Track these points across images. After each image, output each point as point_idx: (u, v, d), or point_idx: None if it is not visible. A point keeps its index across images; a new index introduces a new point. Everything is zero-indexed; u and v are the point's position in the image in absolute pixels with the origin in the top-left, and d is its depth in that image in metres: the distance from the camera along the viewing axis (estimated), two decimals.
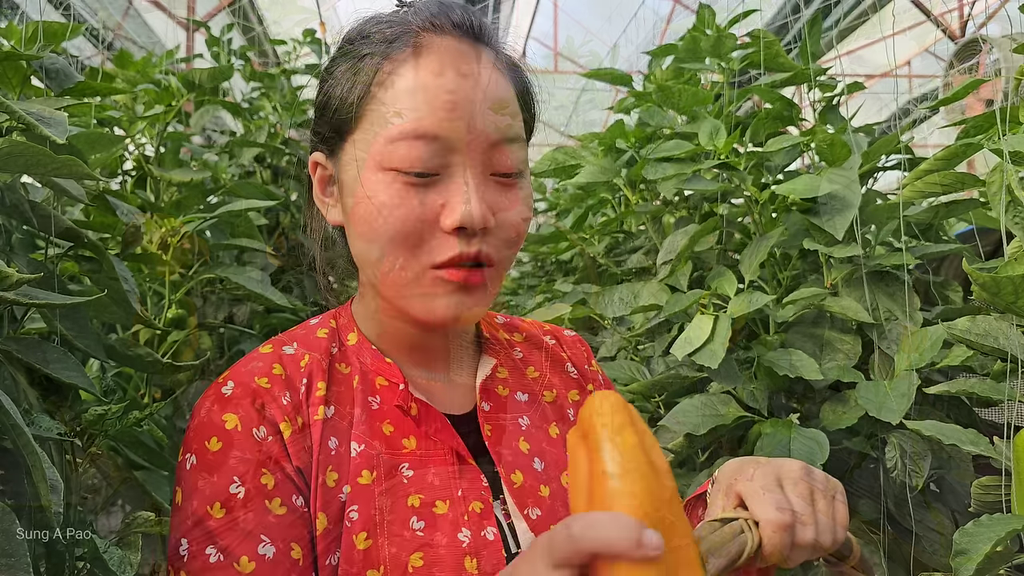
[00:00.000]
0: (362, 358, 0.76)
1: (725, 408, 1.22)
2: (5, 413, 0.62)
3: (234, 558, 0.63)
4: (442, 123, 0.66)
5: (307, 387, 0.72)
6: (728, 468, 0.65)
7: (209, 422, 0.68)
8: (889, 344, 1.23)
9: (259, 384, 0.70)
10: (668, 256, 1.46)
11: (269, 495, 0.65)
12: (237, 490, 0.65)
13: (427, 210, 0.67)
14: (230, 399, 0.69)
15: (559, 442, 0.80)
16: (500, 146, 0.69)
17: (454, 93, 0.67)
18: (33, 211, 0.90)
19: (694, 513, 0.73)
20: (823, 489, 0.60)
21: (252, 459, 0.66)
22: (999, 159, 0.98)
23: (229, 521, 0.64)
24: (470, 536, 0.69)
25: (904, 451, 1.12)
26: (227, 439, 0.67)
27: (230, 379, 0.71)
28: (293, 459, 0.68)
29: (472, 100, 0.67)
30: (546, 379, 0.85)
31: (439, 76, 0.67)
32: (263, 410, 0.68)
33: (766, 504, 0.57)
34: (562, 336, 0.92)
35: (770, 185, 1.41)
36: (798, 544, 0.57)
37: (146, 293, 1.54)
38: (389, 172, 0.67)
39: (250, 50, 2.75)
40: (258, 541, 0.64)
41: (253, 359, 0.73)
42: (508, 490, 0.73)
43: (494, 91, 0.69)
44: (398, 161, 0.66)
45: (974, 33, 4.79)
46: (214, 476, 0.66)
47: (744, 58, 1.65)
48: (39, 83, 1.00)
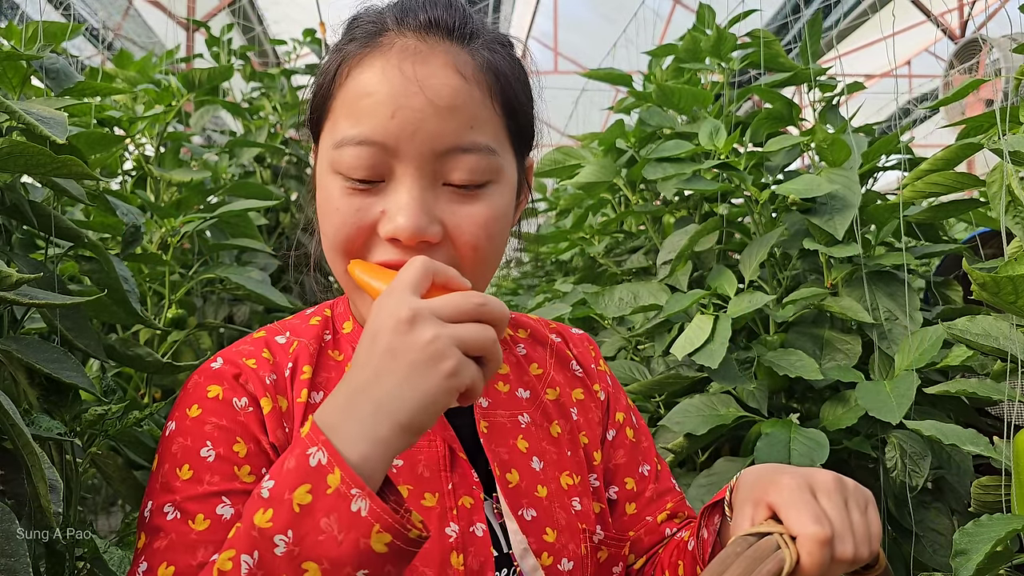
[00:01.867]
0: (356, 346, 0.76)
1: (725, 408, 1.22)
2: (5, 413, 0.62)
3: (189, 516, 0.62)
4: (384, 129, 0.64)
5: (292, 370, 0.72)
6: (750, 476, 0.63)
7: (193, 392, 0.69)
8: (889, 344, 1.23)
9: (246, 363, 0.71)
10: (668, 256, 1.46)
11: (239, 462, 0.65)
12: (207, 453, 0.65)
13: (366, 216, 0.66)
14: (215, 372, 0.70)
15: (560, 441, 0.79)
16: (453, 155, 0.65)
17: (396, 99, 0.64)
18: (33, 211, 0.90)
19: (710, 521, 0.71)
20: (856, 500, 0.57)
21: (228, 426, 0.66)
22: (999, 159, 0.98)
23: (194, 482, 0.63)
24: (458, 531, 0.68)
25: (904, 451, 1.11)
26: (207, 406, 0.67)
27: (220, 356, 0.72)
28: (270, 435, 0.67)
29: (415, 107, 0.64)
30: (549, 376, 0.84)
31: (384, 81, 0.64)
32: (247, 385, 0.69)
33: (804, 517, 0.53)
34: (569, 334, 0.91)
35: (770, 185, 1.41)
36: (837, 559, 0.53)
37: (146, 293, 1.53)
38: (337, 176, 0.67)
39: (250, 50, 2.75)
40: (218, 502, 0.63)
41: (245, 342, 0.74)
42: (501, 489, 0.72)
43: (446, 97, 0.64)
44: (344, 166, 0.66)
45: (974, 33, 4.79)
46: (188, 440, 0.66)
47: (744, 58, 1.65)
48: (39, 83, 1.00)
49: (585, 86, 9.22)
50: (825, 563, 0.52)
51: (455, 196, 0.67)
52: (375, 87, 0.65)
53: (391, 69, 0.65)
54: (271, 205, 1.47)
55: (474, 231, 0.67)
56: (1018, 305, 0.88)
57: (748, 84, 1.68)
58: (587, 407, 0.84)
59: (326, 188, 0.69)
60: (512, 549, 0.70)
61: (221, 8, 5.73)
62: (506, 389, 0.80)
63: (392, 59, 0.65)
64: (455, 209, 0.66)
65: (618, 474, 0.84)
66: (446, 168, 0.66)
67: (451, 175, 0.66)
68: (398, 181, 0.65)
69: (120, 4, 6.16)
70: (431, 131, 0.64)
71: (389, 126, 0.64)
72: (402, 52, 0.66)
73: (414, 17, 0.68)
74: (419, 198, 0.65)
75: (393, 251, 0.66)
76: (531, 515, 0.72)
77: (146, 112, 1.72)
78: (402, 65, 0.65)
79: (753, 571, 0.51)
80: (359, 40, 0.69)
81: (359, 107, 0.65)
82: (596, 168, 1.65)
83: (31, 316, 0.92)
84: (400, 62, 0.65)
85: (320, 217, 0.70)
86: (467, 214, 0.67)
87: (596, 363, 0.89)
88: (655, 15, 8.22)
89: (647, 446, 0.87)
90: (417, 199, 0.64)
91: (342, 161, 0.66)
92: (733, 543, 0.54)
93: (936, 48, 8.21)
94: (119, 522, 1.05)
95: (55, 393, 0.86)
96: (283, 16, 7.30)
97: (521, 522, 0.71)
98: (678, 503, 0.85)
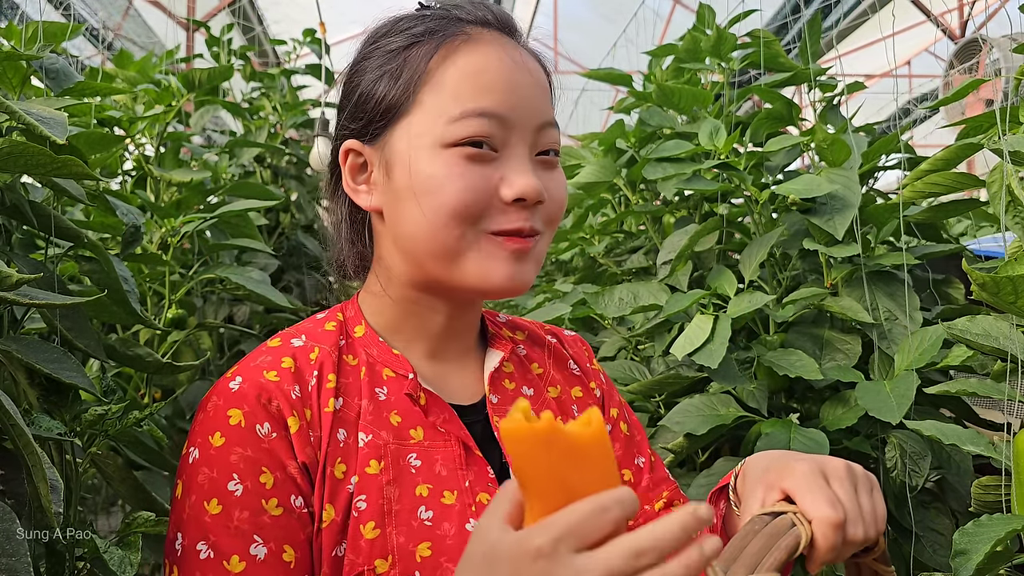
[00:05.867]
0: (369, 350, 0.77)
1: (725, 408, 1.22)
2: (6, 413, 0.62)
3: (224, 556, 0.63)
4: (504, 103, 0.71)
5: (318, 379, 0.72)
6: (761, 462, 0.65)
7: (214, 416, 0.68)
8: (889, 344, 1.22)
9: (267, 379, 0.70)
10: (668, 256, 1.46)
11: (266, 495, 0.65)
12: (235, 487, 0.65)
13: (488, 183, 0.70)
14: (236, 394, 0.69)
15: None
16: (546, 128, 0.74)
17: (513, 76, 0.72)
18: (33, 211, 0.90)
19: (716, 506, 0.74)
20: (864, 485, 0.60)
21: (253, 456, 0.66)
22: (999, 159, 0.98)
23: (224, 518, 0.64)
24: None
25: (904, 451, 1.12)
26: (230, 435, 0.67)
27: (238, 374, 0.71)
28: (299, 455, 0.68)
29: (527, 84, 0.73)
30: (550, 375, 0.86)
31: (498, 61, 0.72)
32: (269, 405, 0.68)
33: (819, 500, 0.57)
34: (563, 335, 0.94)
35: (770, 185, 1.41)
36: (849, 541, 0.57)
37: (146, 293, 1.53)
38: (451, 148, 0.70)
39: (250, 50, 2.75)
40: (251, 541, 0.64)
41: (262, 353, 0.74)
42: None
43: (539, 79, 0.75)
44: (462, 137, 0.70)
45: (974, 33, 4.79)
46: (214, 471, 0.66)
47: (744, 58, 1.65)
48: (39, 83, 1.00)
49: (585, 86, 9.21)
50: (838, 545, 0.56)
51: (544, 165, 0.75)
52: (492, 65, 0.72)
53: (499, 50, 0.73)
54: (271, 205, 1.47)
55: (560, 192, 0.76)
56: (1018, 305, 0.88)
57: (748, 84, 1.68)
58: (586, 404, 0.86)
59: (434, 164, 0.70)
60: None
61: (221, 8, 5.73)
62: (512, 387, 0.82)
63: (493, 44, 0.73)
64: (544, 175, 0.74)
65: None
66: (540, 140, 0.74)
67: (544, 145, 0.74)
68: (512, 150, 0.72)
69: (120, 4, 6.16)
70: (536, 107, 0.73)
71: (509, 100, 0.71)
72: (498, 40, 0.74)
73: (488, 14, 0.76)
74: (532, 164, 0.73)
75: (512, 215, 0.71)
76: None
77: (146, 112, 1.72)
78: (506, 48, 0.74)
79: (772, 546, 0.53)
80: (441, 32, 0.74)
81: (479, 83, 0.71)
82: (596, 168, 1.65)
83: (31, 316, 0.92)
84: (502, 46, 0.74)
85: (427, 191, 0.71)
86: (552, 178, 0.75)
87: (590, 362, 0.92)
88: (655, 15, 8.22)
89: (640, 439, 0.90)
90: (530, 165, 0.72)
91: (460, 133, 0.70)
92: (751, 522, 0.57)
93: (936, 48, 8.21)
94: (119, 522, 1.05)
95: (55, 393, 0.86)
96: (283, 16, 7.30)
97: None
98: (673, 491, 0.87)
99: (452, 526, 0.68)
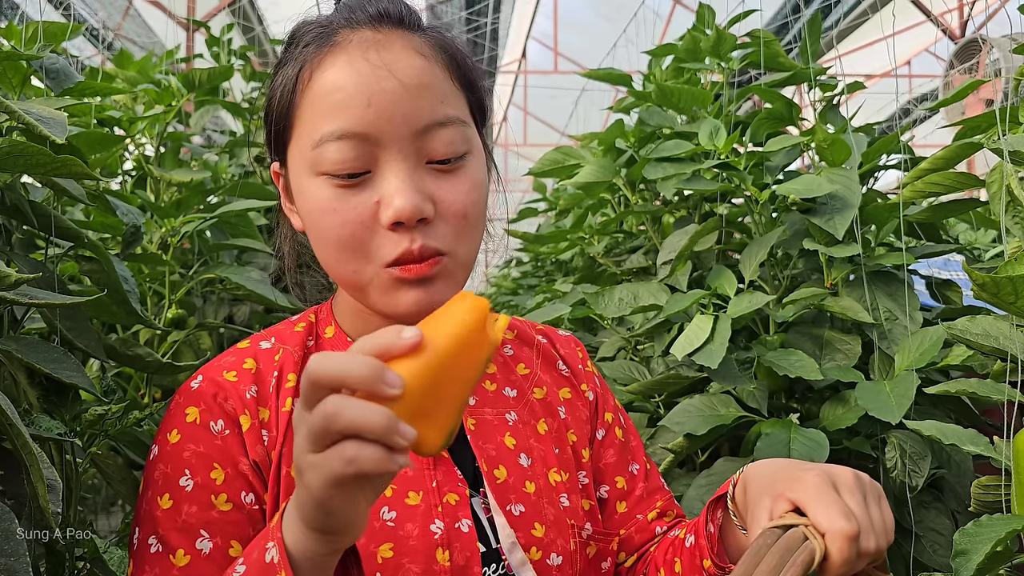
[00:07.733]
0: (337, 350, 0.76)
1: (725, 408, 1.22)
2: (3, 413, 0.62)
3: (171, 550, 0.64)
4: (361, 119, 0.65)
5: (277, 379, 0.72)
6: (764, 470, 0.63)
7: (174, 414, 0.69)
8: (889, 344, 1.22)
9: (225, 378, 0.71)
10: (668, 256, 1.46)
11: (216, 491, 0.66)
12: (186, 483, 0.66)
13: (364, 210, 0.66)
14: (194, 392, 0.70)
15: (547, 438, 0.80)
16: (432, 131, 0.67)
17: (368, 87, 0.65)
18: (33, 211, 0.90)
19: (714, 516, 0.71)
20: (873, 494, 0.58)
21: (205, 452, 0.67)
22: (999, 159, 0.98)
23: (173, 513, 0.65)
24: (443, 527, 0.68)
25: (904, 451, 1.11)
26: (185, 432, 0.68)
27: (200, 373, 0.72)
28: (250, 453, 0.68)
29: (388, 91, 0.65)
30: (536, 376, 0.85)
31: (353, 73, 0.66)
32: (225, 403, 0.69)
33: (832, 512, 0.54)
34: (555, 335, 0.92)
35: (770, 185, 1.41)
36: (862, 553, 0.54)
37: (146, 293, 1.53)
38: (321, 177, 0.67)
39: (250, 50, 2.75)
40: (197, 536, 0.64)
41: (228, 354, 0.75)
42: (489, 485, 0.73)
43: (414, 77, 0.67)
44: (327, 165, 0.66)
45: (974, 33, 4.79)
46: (168, 467, 0.67)
47: (744, 58, 1.65)
48: (39, 83, 1.00)
49: (585, 86, 9.21)
50: (853, 558, 0.53)
51: (438, 173, 0.69)
52: (345, 80, 0.66)
53: (357, 60, 0.67)
54: (271, 205, 1.47)
55: (462, 200, 0.69)
56: (1018, 305, 0.88)
57: (748, 84, 1.68)
58: (575, 406, 0.85)
59: (311, 194, 0.68)
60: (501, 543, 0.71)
61: (221, 8, 5.73)
62: (493, 388, 0.81)
63: (355, 51, 0.67)
64: (440, 184, 0.68)
65: (608, 473, 0.85)
66: (427, 146, 0.67)
67: (433, 151, 0.68)
68: (385, 167, 0.66)
69: (120, 4, 6.16)
70: (407, 112, 0.66)
71: (367, 115, 0.65)
72: (362, 43, 0.68)
73: (363, 12, 0.70)
74: (409, 179, 0.66)
75: (397, 240, 0.67)
76: (519, 510, 0.73)
77: (146, 112, 1.72)
78: (366, 55, 0.67)
79: (787, 561, 0.51)
80: (314, 44, 0.69)
81: (333, 102, 0.66)
82: (596, 168, 1.64)
83: (31, 316, 0.92)
84: (363, 52, 0.67)
85: (310, 225, 0.70)
86: (452, 187, 0.69)
87: (583, 364, 0.90)
88: (655, 15, 8.22)
89: (636, 445, 0.88)
90: (407, 180, 0.66)
91: (325, 160, 0.66)
92: (762, 535, 0.54)
93: (936, 48, 8.21)
94: (119, 522, 1.05)
95: (55, 393, 0.86)
96: (283, 16, 7.28)
97: (509, 517, 0.72)
98: (667, 502, 0.86)
99: (415, 527, 0.68)
